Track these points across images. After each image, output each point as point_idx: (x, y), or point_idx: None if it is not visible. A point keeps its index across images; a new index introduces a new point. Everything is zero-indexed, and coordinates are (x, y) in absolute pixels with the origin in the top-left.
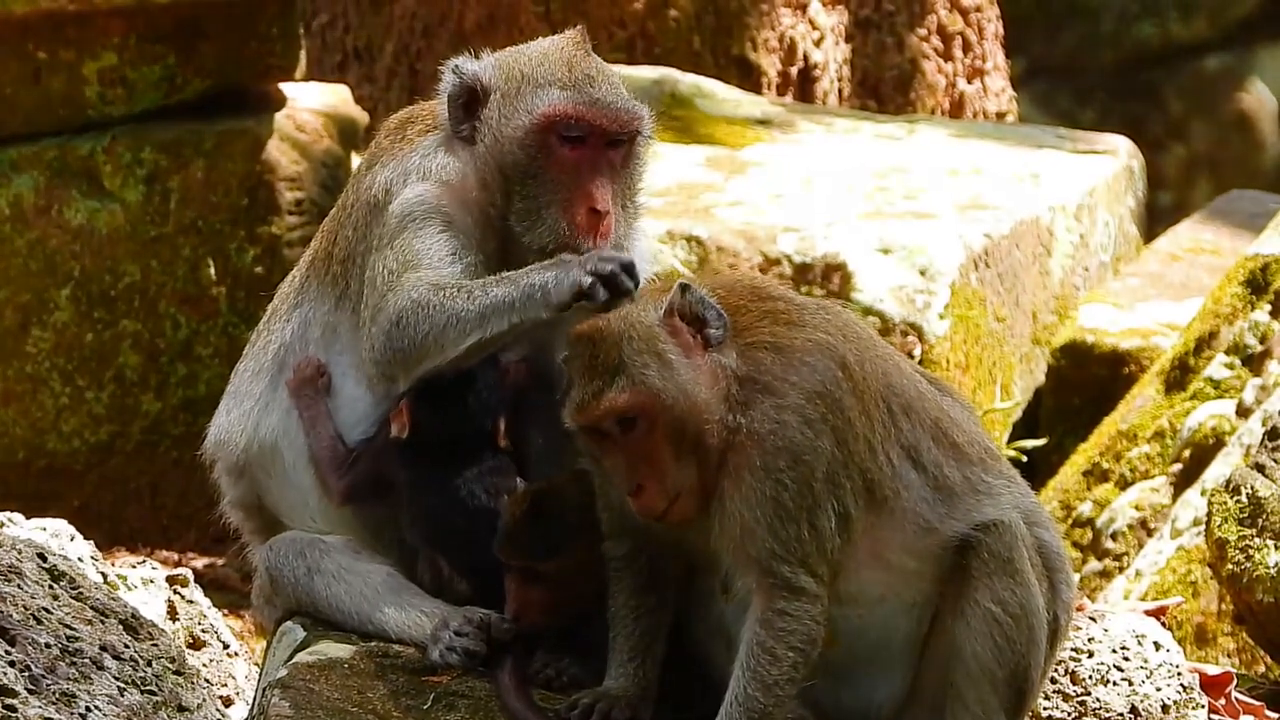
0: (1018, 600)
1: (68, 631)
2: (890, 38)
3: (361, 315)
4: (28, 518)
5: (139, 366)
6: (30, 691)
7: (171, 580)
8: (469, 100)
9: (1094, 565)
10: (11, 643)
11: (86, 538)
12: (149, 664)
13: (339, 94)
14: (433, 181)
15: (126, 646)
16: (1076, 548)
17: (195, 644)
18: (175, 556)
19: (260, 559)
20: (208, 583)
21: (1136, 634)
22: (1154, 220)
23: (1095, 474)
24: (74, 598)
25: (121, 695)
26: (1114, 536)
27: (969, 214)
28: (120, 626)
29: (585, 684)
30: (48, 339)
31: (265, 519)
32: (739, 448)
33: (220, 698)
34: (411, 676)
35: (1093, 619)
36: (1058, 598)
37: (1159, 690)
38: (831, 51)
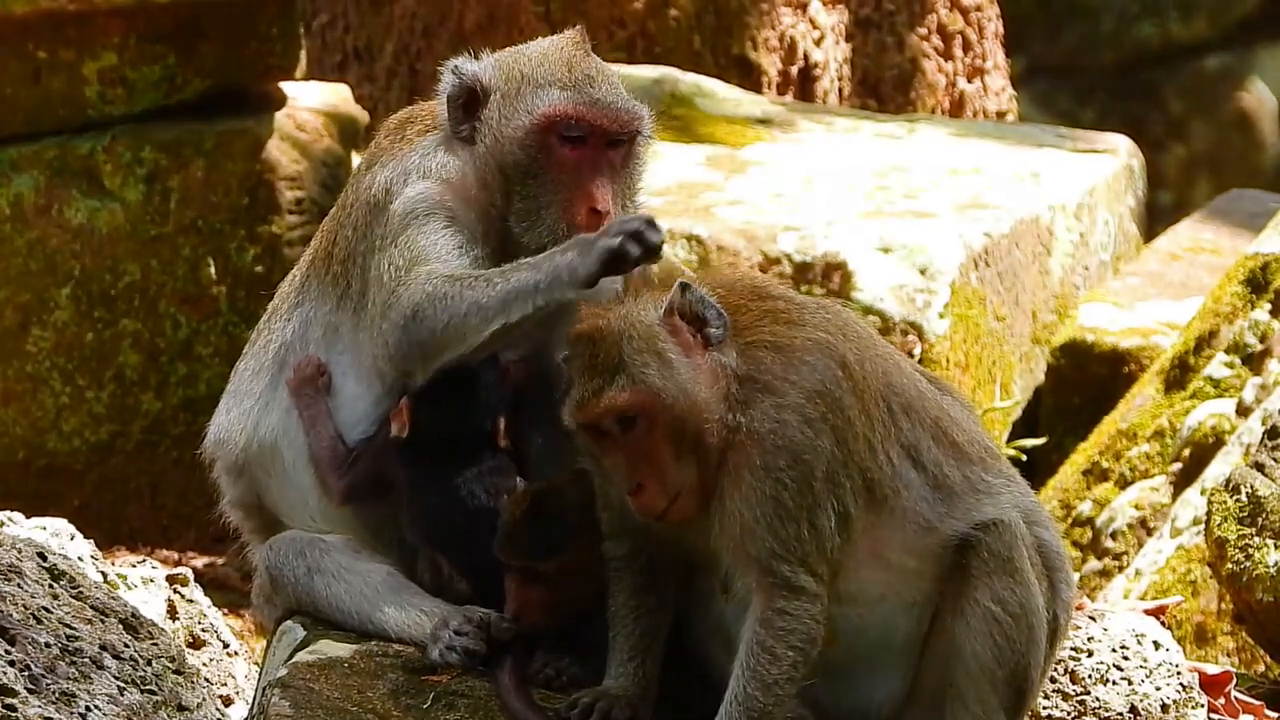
0: (1017, 599)
1: (67, 631)
2: (890, 37)
3: (368, 314)
4: (28, 517)
5: (139, 366)
6: (30, 691)
7: (171, 580)
8: (468, 100)
9: (1094, 564)
10: (11, 642)
11: (86, 537)
12: (149, 663)
13: (339, 93)
14: (434, 179)
15: (126, 646)
16: (1076, 547)
17: (195, 643)
18: (175, 556)
19: (260, 558)
20: (208, 582)
21: (1136, 633)
22: (1154, 220)
23: (1095, 473)
24: (74, 597)
25: (121, 694)
26: (1114, 536)
27: (969, 213)
28: (120, 626)
29: (585, 684)
30: (48, 339)
31: (265, 518)
32: (739, 447)
33: (220, 697)
34: (411, 676)
35: (1092, 618)
36: (1057, 597)
37: (1159, 689)
38: (832, 51)
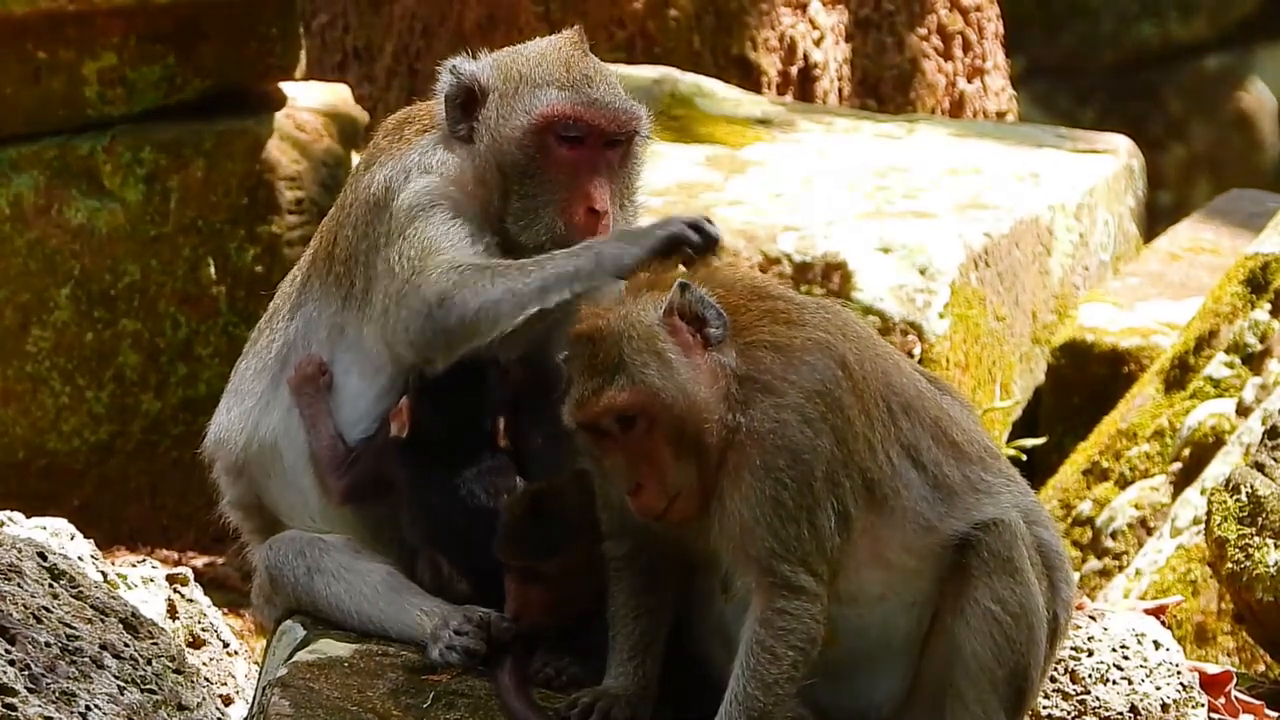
0: (1017, 599)
1: (67, 630)
2: (890, 37)
3: (376, 307)
4: (28, 517)
5: (139, 366)
6: (30, 690)
7: (171, 579)
8: (466, 100)
9: (1094, 564)
10: (11, 642)
11: (86, 537)
12: (149, 663)
13: (339, 94)
14: (435, 175)
15: (126, 645)
16: (1076, 547)
17: (195, 643)
18: (175, 555)
19: (260, 558)
20: (208, 582)
21: (1136, 633)
22: (1154, 220)
23: (1095, 473)
24: (74, 597)
25: (121, 694)
26: (1114, 535)
27: (969, 213)
28: (120, 625)
29: (585, 684)
30: (48, 339)
31: (264, 518)
32: (739, 447)
33: (220, 696)
34: (411, 675)
35: (1092, 618)
36: (1057, 596)
37: (1159, 689)
38: (831, 51)
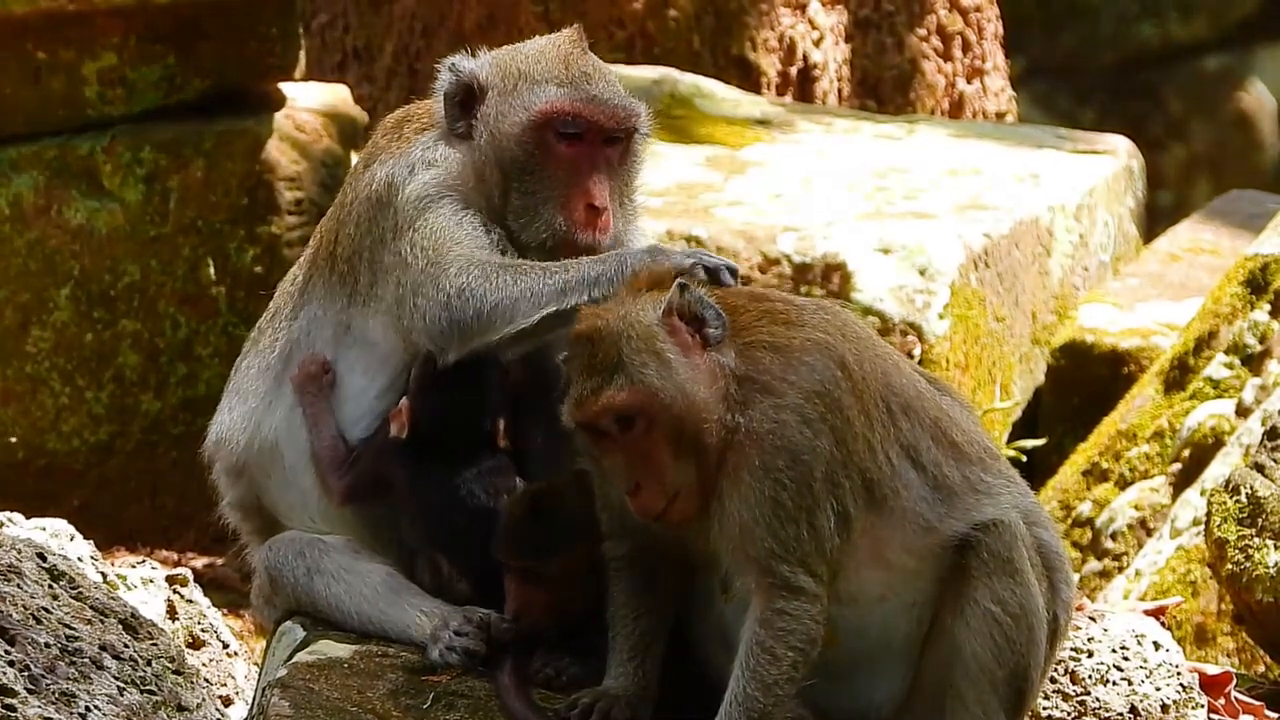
0: (1017, 600)
1: (67, 631)
2: (890, 38)
3: (392, 295)
4: (28, 517)
5: (139, 366)
6: (30, 691)
7: (171, 580)
8: (465, 98)
9: (1093, 565)
10: (11, 642)
11: (86, 537)
12: (148, 664)
13: (338, 94)
14: (440, 169)
15: (126, 646)
16: (1076, 547)
17: (195, 644)
18: (175, 556)
19: (260, 559)
20: (207, 582)
21: (1136, 634)
22: (1154, 220)
23: (1095, 474)
24: (74, 597)
25: (121, 695)
26: (1113, 536)
27: (969, 214)
28: (120, 626)
29: (585, 684)
30: (48, 339)
31: (264, 519)
32: (738, 447)
33: (220, 697)
34: (411, 676)
35: (1092, 619)
36: (1057, 597)
37: (1159, 690)
38: (831, 51)
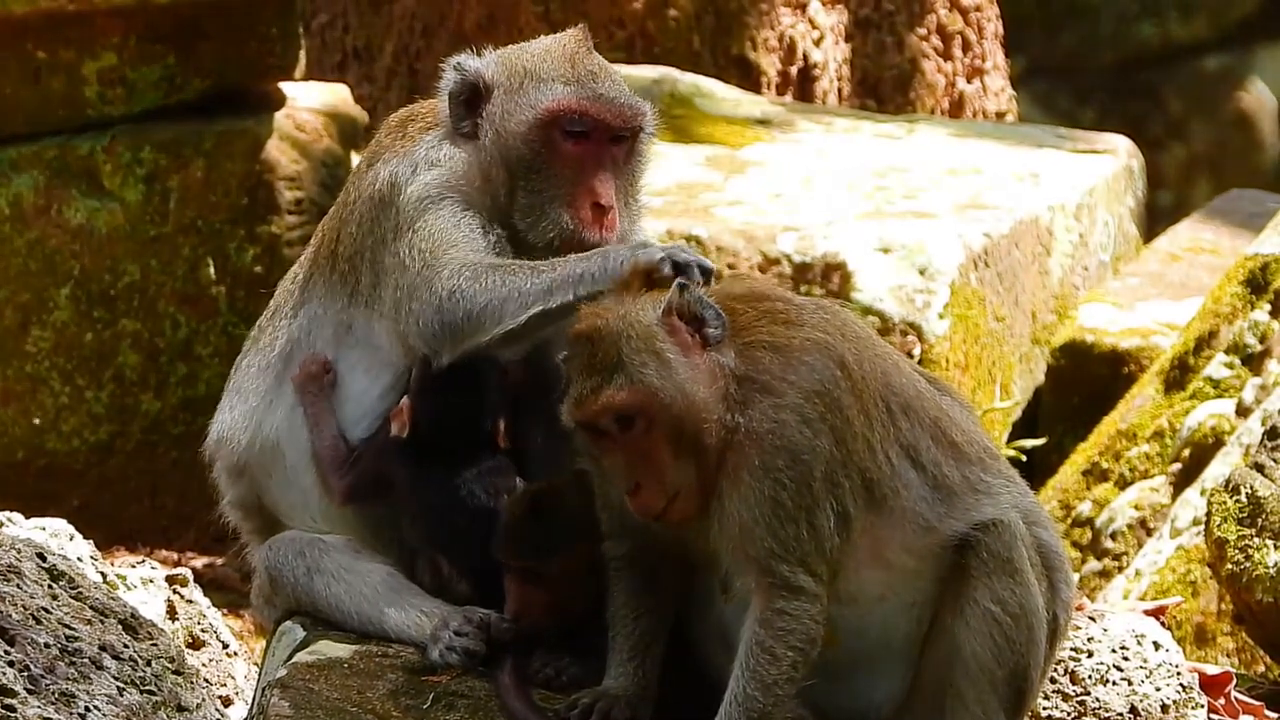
0: (1017, 600)
1: (67, 631)
2: (890, 37)
3: (391, 298)
4: (27, 517)
5: (139, 366)
6: (29, 691)
7: (171, 580)
8: (471, 97)
9: (1093, 565)
10: (11, 642)
11: (86, 537)
12: (148, 664)
13: (338, 93)
14: (444, 169)
15: (126, 646)
16: (1076, 547)
17: (195, 644)
18: (175, 556)
19: (260, 558)
20: (207, 582)
21: (1136, 634)
22: (1154, 220)
23: (1095, 473)
24: (73, 597)
25: (121, 695)
26: (1113, 536)
27: (969, 213)
28: (119, 626)
29: (585, 684)
30: (48, 339)
31: (264, 518)
32: (737, 447)
33: (220, 697)
34: (411, 676)
35: (1092, 618)
36: (1057, 597)
37: (1158, 690)
38: (831, 51)
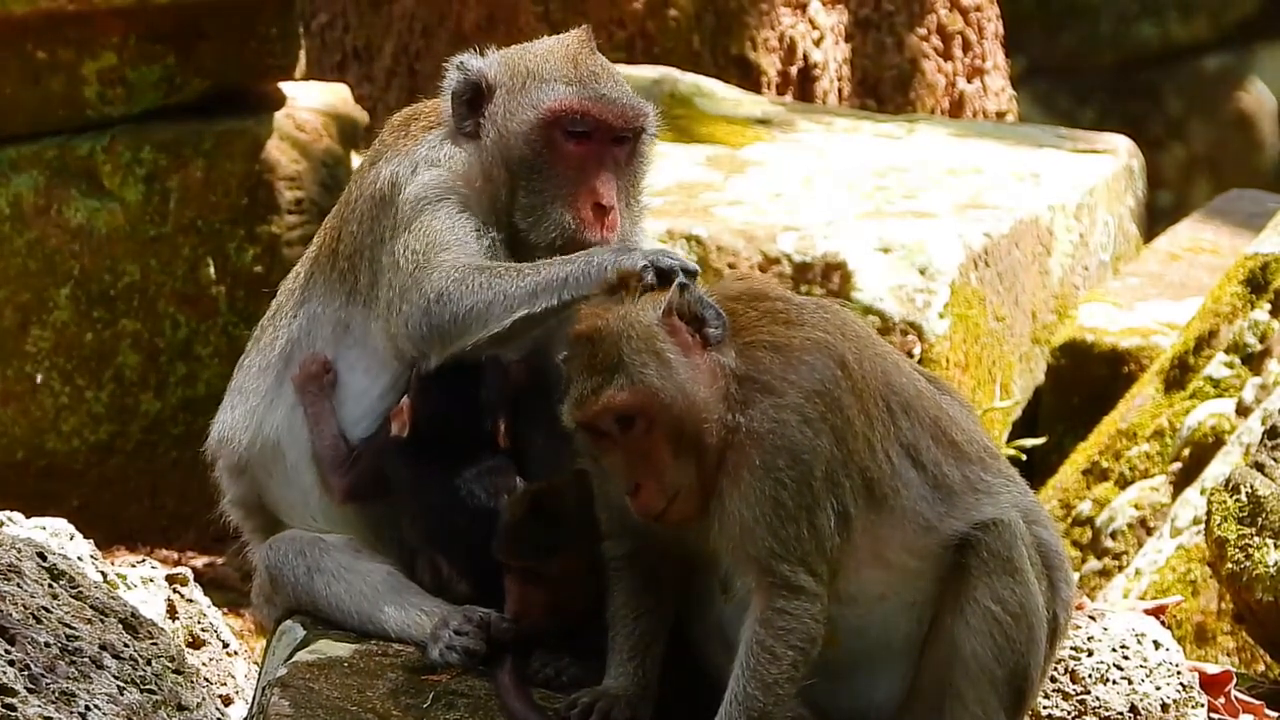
0: (1017, 599)
1: (67, 630)
2: (890, 37)
3: (381, 302)
4: (28, 517)
5: (139, 366)
6: (30, 690)
7: (171, 579)
8: (473, 97)
9: (1093, 564)
10: (11, 642)
11: (86, 537)
12: (148, 663)
13: (338, 93)
14: (444, 169)
15: (126, 645)
16: (1076, 547)
17: (195, 643)
18: (175, 556)
19: (260, 558)
20: (207, 582)
21: (1136, 633)
22: (1154, 220)
23: (1095, 473)
24: (73, 597)
25: (121, 694)
26: (1113, 535)
27: (969, 213)
28: (120, 625)
29: (585, 684)
30: (47, 339)
31: (265, 518)
32: (738, 447)
33: (220, 697)
34: (411, 675)
35: (1092, 618)
36: (1057, 596)
37: (1159, 689)
38: (831, 51)
